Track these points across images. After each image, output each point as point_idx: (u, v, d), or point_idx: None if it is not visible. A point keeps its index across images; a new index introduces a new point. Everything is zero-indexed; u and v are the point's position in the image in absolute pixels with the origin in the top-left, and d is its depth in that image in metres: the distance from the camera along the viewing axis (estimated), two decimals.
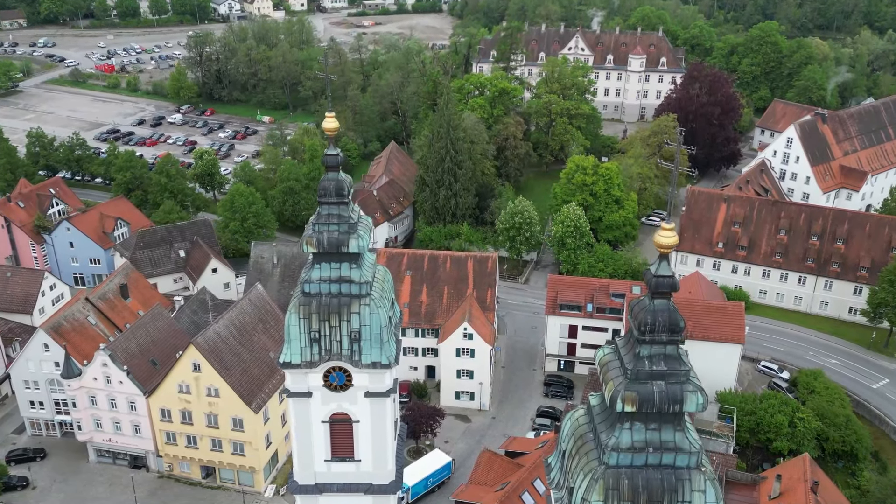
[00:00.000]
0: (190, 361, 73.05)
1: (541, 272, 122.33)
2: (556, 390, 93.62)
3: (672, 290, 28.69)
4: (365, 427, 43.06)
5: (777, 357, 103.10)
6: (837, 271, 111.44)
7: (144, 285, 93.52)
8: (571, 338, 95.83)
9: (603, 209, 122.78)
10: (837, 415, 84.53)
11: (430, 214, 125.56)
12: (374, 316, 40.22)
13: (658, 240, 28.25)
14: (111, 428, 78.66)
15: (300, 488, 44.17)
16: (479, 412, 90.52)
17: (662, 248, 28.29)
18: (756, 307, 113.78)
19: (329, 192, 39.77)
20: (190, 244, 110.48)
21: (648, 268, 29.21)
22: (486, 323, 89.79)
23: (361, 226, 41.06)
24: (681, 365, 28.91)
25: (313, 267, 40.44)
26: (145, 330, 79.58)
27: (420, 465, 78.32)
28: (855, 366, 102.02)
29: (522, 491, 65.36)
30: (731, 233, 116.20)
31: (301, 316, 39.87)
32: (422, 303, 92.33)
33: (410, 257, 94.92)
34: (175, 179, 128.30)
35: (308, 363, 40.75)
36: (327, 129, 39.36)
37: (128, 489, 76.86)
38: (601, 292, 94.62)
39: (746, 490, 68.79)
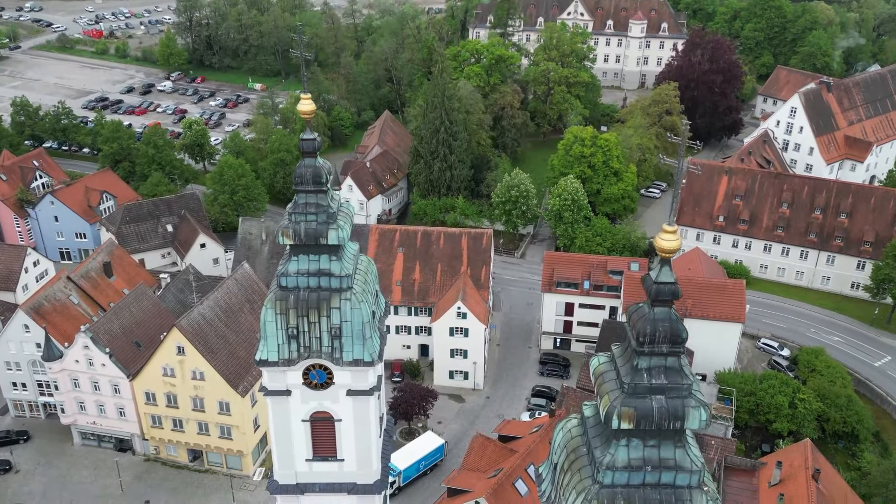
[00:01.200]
0: (174, 344, 70.85)
1: (537, 246, 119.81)
2: (551, 369, 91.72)
3: (674, 298, 26.19)
4: (347, 426, 40.97)
5: (777, 334, 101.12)
6: (840, 245, 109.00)
7: (129, 263, 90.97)
8: (568, 315, 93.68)
9: (601, 181, 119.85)
10: (838, 395, 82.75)
11: (424, 187, 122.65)
12: (355, 311, 37.81)
13: (659, 243, 25.66)
14: (95, 411, 76.79)
15: (280, 488, 42.23)
16: (474, 392, 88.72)
17: (664, 252, 25.72)
18: (756, 282, 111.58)
19: (306, 180, 37.06)
20: (178, 218, 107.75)
21: (648, 273, 26.66)
22: (480, 301, 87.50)
23: (342, 215, 38.43)
24: (682, 378, 26.49)
25: (290, 259, 37.89)
26: (128, 310, 77.25)
27: (412, 448, 76.65)
28: (857, 343, 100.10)
29: (516, 478, 63.60)
30: (732, 206, 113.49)
31: (278, 311, 37.44)
32: (414, 280, 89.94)
33: (403, 234, 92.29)
34: (163, 151, 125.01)
35: (286, 361, 38.48)
36: (303, 111, 36.52)
37: (113, 472, 75.29)
38: (599, 269, 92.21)
39: (745, 476, 67.10)
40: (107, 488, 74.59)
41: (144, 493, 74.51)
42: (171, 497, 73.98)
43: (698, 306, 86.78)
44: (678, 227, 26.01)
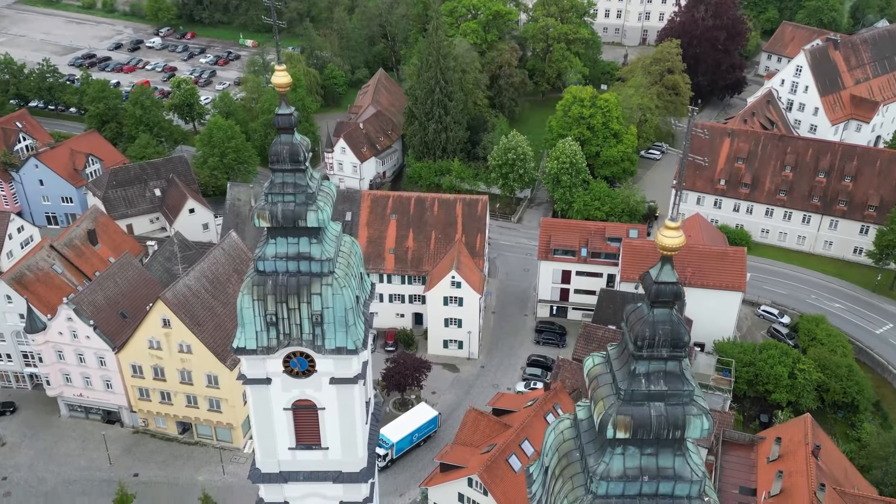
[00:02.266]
0: (159, 317, 68.97)
1: (534, 211, 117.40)
2: (547, 338, 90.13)
3: (676, 299, 24.05)
4: (331, 414, 39.23)
5: (778, 301, 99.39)
6: (844, 210, 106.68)
7: (114, 230, 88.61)
8: (565, 283, 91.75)
9: (601, 143, 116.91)
10: (839, 365, 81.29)
11: (419, 149, 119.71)
12: (337, 297, 35.69)
13: (661, 240, 23.43)
14: (81, 383, 75.28)
15: (263, 476, 40.68)
16: (468, 361, 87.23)
17: (666, 250, 23.48)
18: (757, 247, 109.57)
19: (282, 158, 34.67)
20: (165, 182, 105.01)
21: (647, 271, 24.45)
22: (475, 270, 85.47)
23: (322, 195, 36.08)
24: (683, 384, 24.52)
25: (268, 242, 35.66)
26: (113, 280, 75.19)
27: (405, 420, 75.38)
28: (858, 310, 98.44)
29: (509, 454, 62.38)
30: (734, 169, 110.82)
31: (255, 297, 35.33)
32: (408, 248, 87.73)
33: (396, 200, 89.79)
34: (150, 111, 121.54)
35: (265, 349, 36.53)
36: (278, 84, 33.94)
37: (101, 445, 74.09)
38: (596, 236, 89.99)
39: (744, 451, 65.97)
40: (94, 461, 73.45)
41: (133, 465, 73.44)
42: (161, 470, 72.91)
43: (698, 274, 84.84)
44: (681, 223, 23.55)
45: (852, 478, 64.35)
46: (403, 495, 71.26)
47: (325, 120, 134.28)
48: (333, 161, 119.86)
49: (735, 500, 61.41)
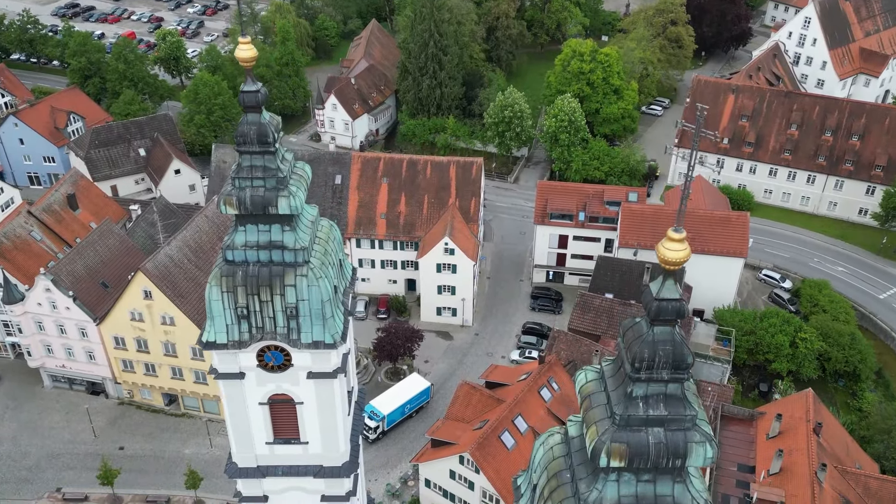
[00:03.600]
0: (140, 289, 66.53)
1: (532, 170, 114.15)
2: (543, 304, 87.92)
3: (679, 318, 21.46)
4: (310, 409, 37.00)
5: (780, 265, 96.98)
6: (850, 170, 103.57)
7: (96, 194, 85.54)
8: (561, 248, 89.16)
9: (601, 100, 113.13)
10: (842, 333, 79.24)
11: (413, 106, 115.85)
12: (313, 289, 33.11)
13: (663, 253, 20.65)
14: (63, 354, 73.24)
15: (240, 471, 38.67)
16: (462, 328, 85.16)
17: (669, 264, 20.74)
18: (759, 208, 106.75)
19: (250, 140, 31.64)
20: (150, 142, 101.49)
21: (647, 285, 21.74)
22: (469, 236, 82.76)
23: (294, 179, 33.22)
24: (686, 408, 22.08)
25: (237, 230, 32.92)
26: (93, 249, 72.53)
27: (397, 391, 73.58)
28: (862, 273, 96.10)
29: (502, 431, 60.66)
30: (737, 127, 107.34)
31: (224, 289, 32.75)
32: (400, 213, 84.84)
33: (387, 162, 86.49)
34: (134, 66, 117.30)
35: (236, 343, 34.13)
36: (242, 59, 30.72)
37: (86, 417, 72.33)
38: (594, 200, 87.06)
39: (743, 426, 64.30)
40: (79, 433, 71.86)
41: (119, 438, 71.88)
42: (147, 442, 71.38)
43: (699, 240, 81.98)
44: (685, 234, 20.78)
45: (853, 454, 62.83)
46: (395, 468, 69.89)
47: (315, 74, 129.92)
48: (324, 118, 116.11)
49: (733, 477, 59.91)
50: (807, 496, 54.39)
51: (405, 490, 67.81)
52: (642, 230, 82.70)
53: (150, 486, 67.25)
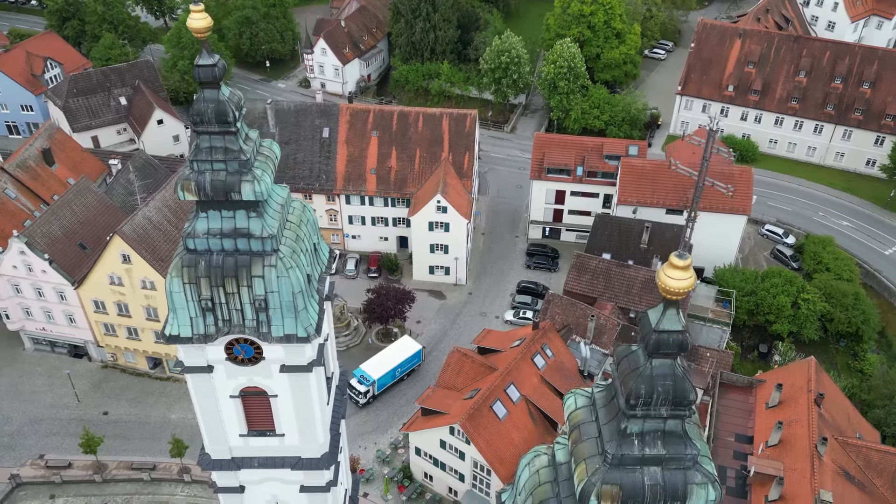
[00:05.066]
0: (117, 253, 63.77)
1: (529, 119, 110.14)
2: (538, 261, 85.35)
3: (680, 351, 18.83)
4: (285, 402, 34.77)
5: (783, 219, 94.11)
6: (860, 119, 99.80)
7: (73, 147, 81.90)
8: (558, 204, 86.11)
9: (602, 44, 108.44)
10: (845, 293, 76.95)
11: (406, 50, 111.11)
12: (283, 280, 30.46)
13: (665, 281, 17.83)
14: (42, 317, 70.95)
15: (213, 463, 36.70)
16: (455, 287, 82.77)
17: (670, 293, 17.96)
18: (764, 159, 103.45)
19: (207, 119, 28.51)
20: (131, 90, 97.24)
21: (646, 313, 19.00)
22: (462, 192, 79.60)
23: (260, 161, 30.21)
24: (686, 446, 19.72)
25: (198, 216, 30.09)
26: (69, 208, 69.48)
27: (388, 354, 71.56)
28: (867, 228, 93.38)
29: (494, 401, 58.86)
30: (743, 74, 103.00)
31: (185, 281, 30.13)
32: (391, 168, 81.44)
33: (377, 115, 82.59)
34: (114, 7, 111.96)
35: (201, 336, 31.64)
36: (195, 29, 27.35)
37: (69, 381, 70.42)
38: (593, 154, 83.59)
39: (742, 394, 62.51)
40: (62, 398, 70.11)
41: (102, 403, 70.16)
42: (131, 407, 69.72)
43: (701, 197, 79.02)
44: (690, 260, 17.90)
45: (854, 422, 61.20)
46: (385, 434, 68.41)
47: (304, 14, 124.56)
48: (314, 63, 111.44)
49: (730, 448, 58.38)
50: (806, 470, 52.88)
51: (395, 456, 66.48)
52: (642, 187, 79.58)
53: (135, 453, 65.84)
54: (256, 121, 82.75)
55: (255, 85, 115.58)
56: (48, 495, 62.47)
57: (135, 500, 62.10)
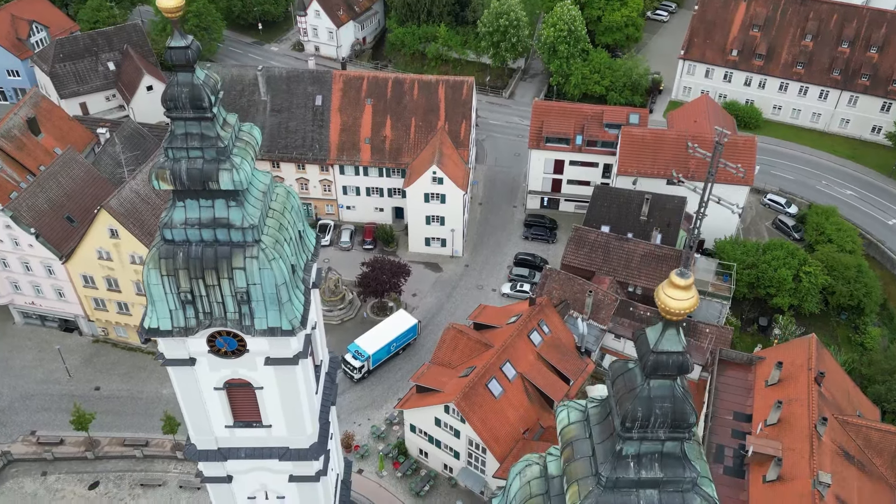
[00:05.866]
0: (105, 227, 62.32)
1: (528, 84, 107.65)
2: (536, 232, 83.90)
3: (680, 373, 17.55)
4: (271, 394, 33.79)
5: (786, 188, 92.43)
6: (866, 84, 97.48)
7: (59, 115, 79.81)
8: (557, 173, 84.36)
9: (603, 6, 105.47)
10: (848, 266, 75.70)
11: (402, 12, 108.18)
12: (265, 272, 29.23)
13: (665, 301, 16.47)
14: (31, 291, 69.76)
15: (199, 454, 35.89)
16: (452, 259, 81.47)
17: (670, 314, 16.60)
18: (767, 126, 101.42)
19: (181, 104, 26.98)
20: (119, 54, 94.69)
21: (644, 331, 17.66)
22: (458, 162, 77.79)
23: (239, 147, 28.73)
24: (685, 469, 18.59)
25: (175, 205, 28.69)
26: (56, 181, 67.77)
27: (383, 329, 70.52)
28: (871, 197, 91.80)
29: (489, 379, 57.98)
30: (748, 38, 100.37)
31: (163, 273, 28.85)
32: (385, 137, 79.49)
33: (371, 82, 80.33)
34: None
35: (182, 329, 30.49)
36: (165, 9, 25.67)
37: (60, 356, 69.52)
38: (593, 122, 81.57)
39: (741, 371, 61.56)
40: (53, 373, 69.28)
41: (94, 378, 69.36)
42: (123, 383, 68.91)
43: (703, 167, 77.36)
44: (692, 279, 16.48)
45: (854, 399, 60.39)
46: (380, 409, 67.73)
47: None
48: (307, 26, 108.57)
49: (729, 427, 57.62)
50: (805, 450, 52.20)
51: (390, 433, 65.88)
52: (643, 157, 77.76)
53: (127, 429, 65.25)
54: (247, 88, 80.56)
55: (247, 48, 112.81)
56: (40, 472, 61.99)
57: (127, 477, 61.62)
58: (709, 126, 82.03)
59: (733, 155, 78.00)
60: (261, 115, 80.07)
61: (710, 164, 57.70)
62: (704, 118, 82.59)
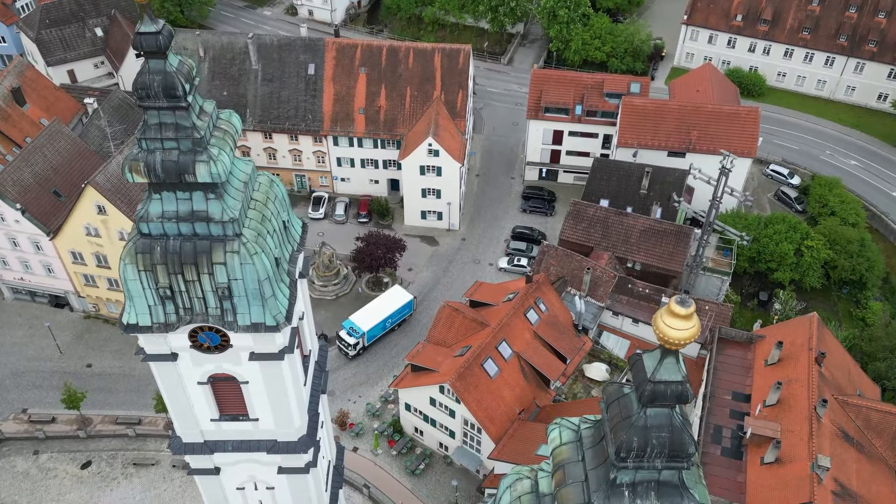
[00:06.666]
0: (92, 204, 60.85)
1: (527, 50, 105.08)
2: (534, 205, 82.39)
3: (679, 403, 16.40)
4: (257, 388, 32.83)
5: (789, 158, 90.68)
6: (873, 51, 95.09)
7: (45, 85, 77.73)
8: (556, 144, 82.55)
9: None
10: (851, 240, 74.42)
11: None
12: (247, 267, 28.03)
13: (663, 330, 15.27)
14: (20, 267, 68.54)
15: (185, 447, 35.13)
16: (448, 233, 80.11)
17: (670, 344, 15.38)
18: (771, 93, 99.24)
19: (153, 93, 25.46)
20: (107, 20, 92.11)
21: (640, 357, 16.45)
22: (455, 134, 75.96)
23: (217, 137, 27.31)
24: (683, 498, 17.52)
25: (151, 198, 27.36)
26: (41, 154, 66.10)
27: (378, 305, 69.45)
28: (876, 167, 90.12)
29: (485, 359, 57.12)
30: (753, 2, 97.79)
31: (140, 268, 27.63)
32: (380, 107, 77.50)
33: (365, 51, 78.03)
34: None
35: (162, 325, 29.40)
36: None
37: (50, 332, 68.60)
38: (593, 91, 79.52)
39: (740, 349, 60.69)
40: (44, 349, 68.41)
41: (86, 354, 68.49)
42: (115, 360, 68.07)
43: (704, 138, 75.77)
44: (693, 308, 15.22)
45: (855, 378, 59.58)
46: (375, 386, 67.02)
47: None
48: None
49: (727, 407, 56.89)
50: (804, 432, 51.53)
51: (385, 410, 65.24)
52: (643, 128, 75.94)
53: (119, 407, 64.61)
54: (238, 56, 78.32)
55: (238, 12, 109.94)
56: (32, 451, 61.46)
57: (120, 456, 61.11)
58: (712, 95, 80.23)
59: (735, 126, 76.32)
60: (252, 85, 77.99)
61: (714, 190, 55.90)
62: (707, 87, 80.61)
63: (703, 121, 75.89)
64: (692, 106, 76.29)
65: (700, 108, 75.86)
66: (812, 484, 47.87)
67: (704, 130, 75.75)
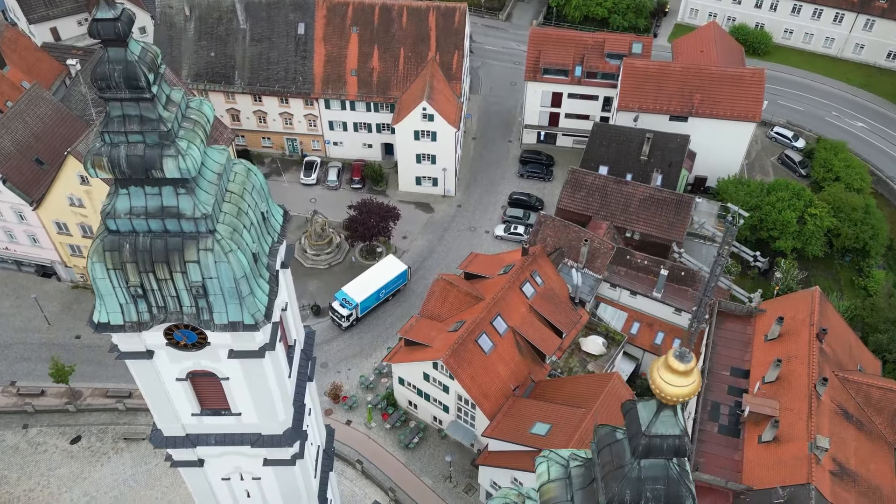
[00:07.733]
0: (74, 174, 58.93)
1: (526, 6, 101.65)
2: (532, 170, 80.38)
3: (677, 456, 14.98)
4: (238, 384, 31.55)
5: (794, 120, 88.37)
6: (884, 7, 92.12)
7: (25, 46, 74.97)
8: (555, 107, 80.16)
9: None
10: (855, 207, 72.73)
11: None
12: (222, 265, 26.39)
13: (660, 385, 13.75)
14: (4, 237, 66.93)
15: (166, 441, 34.03)
16: (444, 199, 78.29)
17: (667, 399, 13.87)
18: (777, 51, 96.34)
19: (114, 84, 23.40)
20: None
21: (635, 407, 14.96)
22: (451, 97, 73.55)
23: (185, 129, 25.38)
24: None
25: (118, 193, 25.58)
26: (22, 120, 63.85)
27: (371, 275, 68.09)
28: (883, 129, 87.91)
29: (479, 334, 55.93)
30: None
31: (109, 266, 25.99)
32: (373, 69, 74.92)
33: (357, 9, 75.05)
34: None
35: (135, 324, 27.90)
36: None
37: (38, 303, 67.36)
38: (594, 52, 76.81)
39: (740, 323, 59.54)
40: (31, 321, 67.22)
41: (74, 326, 67.32)
42: None
43: (707, 102, 73.44)
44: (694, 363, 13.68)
45: (856, 352, 58.58)
46: (369, 358, 66.08)
47: None
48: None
49: (725, 383, 55.97)
50: (803, 410, 50.73)
51: (379, 383, 64.41)
52: (645, 91, 73.54)
53: (109, 380, 63.70)
54: (225, 15, 75.43)
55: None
56: (21, 425, 60.78)
57: (110, 430, 60.46)
58: (716, 57, 77.57)
59: (740, 89, 73.89)
60: (240, 45, 75.28)
61: (719, 247, 53.63)
62: (712, 47, 77.90)
63: (707, 83, 73.43)
64: (695, 68, 73.75)
65: (703, 71, 73.36)
66: (810, 464, 47.19)
67: (707, 94, 73.36)
